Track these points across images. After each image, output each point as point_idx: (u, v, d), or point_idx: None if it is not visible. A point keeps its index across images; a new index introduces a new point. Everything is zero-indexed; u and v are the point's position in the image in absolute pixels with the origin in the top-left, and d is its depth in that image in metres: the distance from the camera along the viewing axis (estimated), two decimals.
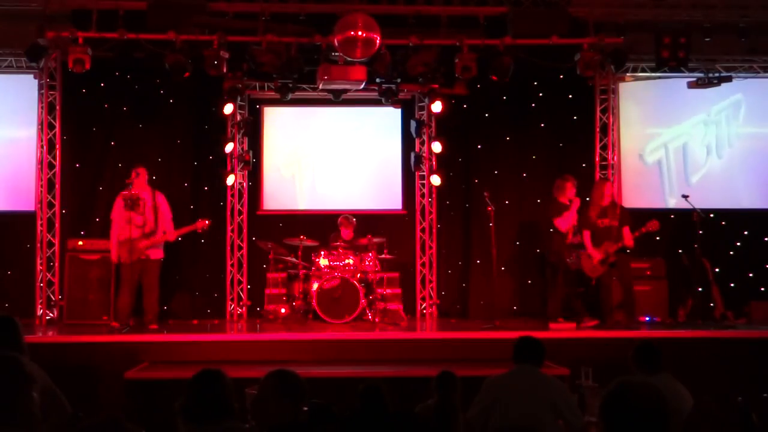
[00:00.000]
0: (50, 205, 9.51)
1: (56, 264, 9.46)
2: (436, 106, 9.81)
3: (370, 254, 9.41)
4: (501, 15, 9.22)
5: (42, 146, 9.52)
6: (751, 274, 10.03)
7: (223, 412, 3.27)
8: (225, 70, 8.95)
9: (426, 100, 10.20)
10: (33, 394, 3.02)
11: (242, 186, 10.27)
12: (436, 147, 9.96)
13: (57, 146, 9.54)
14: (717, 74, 9.88)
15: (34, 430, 3.00)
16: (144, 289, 8.60)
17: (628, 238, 8.42)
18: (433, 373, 5.07)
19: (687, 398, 4.52)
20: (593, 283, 8.82)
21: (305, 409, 3.66)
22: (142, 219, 8.54)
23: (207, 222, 8.79)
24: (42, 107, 9.55)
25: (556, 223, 8.82)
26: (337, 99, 9.98)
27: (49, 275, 9.45)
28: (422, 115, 10.45)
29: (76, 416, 4.30)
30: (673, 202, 10.02)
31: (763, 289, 9.98)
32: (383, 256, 9.48)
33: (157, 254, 8.73)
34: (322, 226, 9.96)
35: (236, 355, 7.55)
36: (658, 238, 8.79)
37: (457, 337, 8.23)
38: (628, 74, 10.13)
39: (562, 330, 8.37)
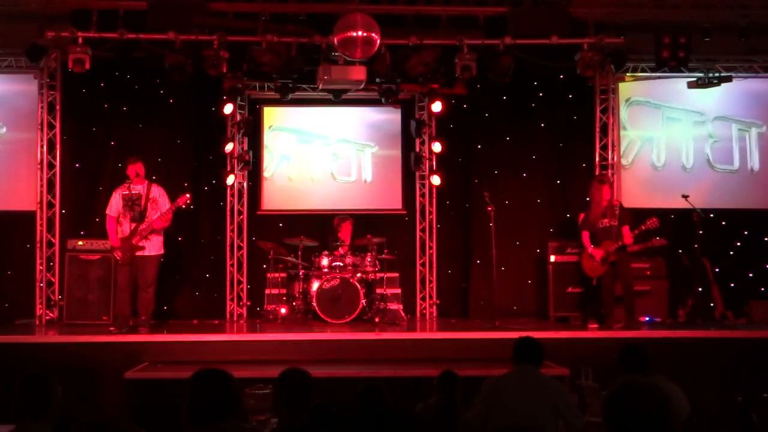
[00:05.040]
0: (50, 205, 9.51)
1: (56, 264, 9.45)
2: (436, 106, 9.83)
3: (370, 254, 9.41)
4: (501, 15, 9.23)
5: (42, 146, 9.51)
6: (751, 274, 10.02)
7: (226, 412, 3.27)
8: (225, 70, 8.95)
9: (426, 100, 10.21)
10: (59, 387, 3.12)
11: (242, 186, 10.27)
12: (436, 147, 9.99)
13: (57, 146, 9.53)
14: (717, 74, 9.88)
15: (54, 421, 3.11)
16: (139, 287, 8.41)
17: (627, 236, 8.42)
18: (433, 373, 5.09)
19: (682, 399, 4.52)
20: (594, 283, 8.81)
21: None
22: (139, 215, 8.45)
23: (188, 196, 8.55)
24: (42, 107, 9.54)
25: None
26: (337, 99, 9.99)
27: (49, 275, 9.45)
28: (422, 115, 10.45)
29: (75, 416, 4.29)
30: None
31: (763, 289, 9.98)
32: (383, 256, 9.47)
33: (155, 249, 8.46)
34: (322, 226, 9.96)
35: (236, 355, 7.55)
36: (658, 237, 8.79)
37: (457, 337, 8.23)
38: (628, 74, 10.13)
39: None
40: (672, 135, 10.31)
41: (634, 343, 5.04)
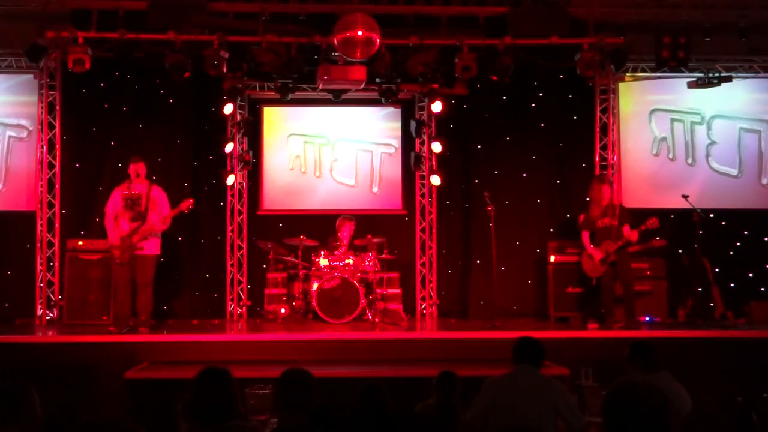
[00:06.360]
0: (50, 205, 9.51)
1: (56, 264, 9.45)
2: (436, 106, 9.82)
3: (370, 254, 9.40)
4: (501, 15, 9.21)
5: (42, 146, 9.51)
6: (751, 274, 10.02)
7: (227, 411, 3.27)
8: (225, 70, 8.95)
9: (426, 100, 10.20)
10: (35, 394, 3.05)
11: (242, 186, 10.27)
12: (436, 147, 9.98)
13: (57, 146, 9.54)
14: (717, 74, 9.88)
15: (36, 429, 3.04)
16: (137, 287, 8.41)
17: (632, 234, 8.37)
18: (433, 373, 5.07)
19: (685, 397, 4.53)
20: (594, 283, 8.81)
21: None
22: (138, 215, 8.45)
23: (191, 200, 8.56)
24: (42, 107, 9.55)
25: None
26: (337, 99, 9.99)
27: (49, 275, 9.45)
28: (422, 115, 10.45)
29: (75, 416, 4.29)
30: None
31: (763, 289, 9.98)
32: (383, 256, 9.47)
33: (152, 249, 8.46)
34: (322, 226, 9.97)
35: (236, 355, 7.54)
36: (658, 237, 8.79)
37: (457, 337, 8.23)
38: (628, 74, 10.13)
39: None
40: (678, 135, 10.32)
41: (645, 340, 5.05)
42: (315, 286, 9.17)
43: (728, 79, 9.89)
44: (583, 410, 4.93)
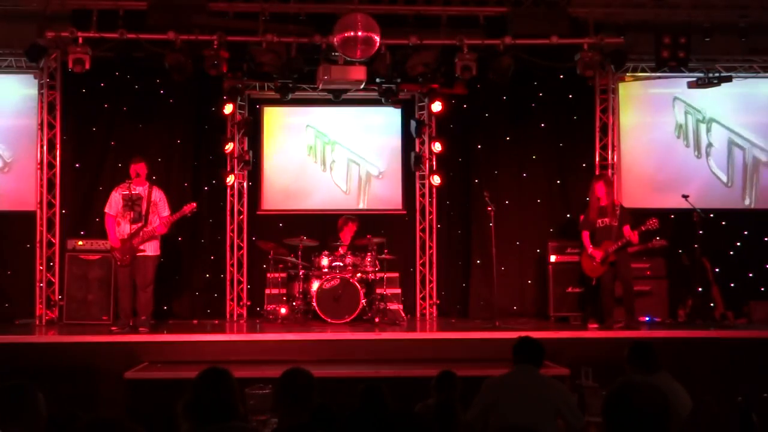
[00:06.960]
0: (50, 205, 9.50)
1: (56, 264, 9.44)
2: (436, 106, 9.84)
3: (370, 254, 9.40)
4: (501, 15, 9.23)
5: (42, 146, 9.51)
6: (751, 274, 10.02)
7: (227, 411, 3.27)
8: (225, 70, 8.96)
9: (426, 100, 10.21)
10: (39, 394, 3.05)
11: (242, 186, 10.27)
12: (436, 147, 9.99)
13: (57, 146, 9.53)
14: (717, 74, 9.88)
15: (40, 429, 3.04)
16: (138, 288, 8.40)
17: (633, 235, 8.37)
18: (433, 373, 5.08)
19: (685, 398, 4.53)
20: (593, 283, 8.81)
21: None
22: (139, 216, 8.45)
23: (194, 204, 8.55)
24: (42, 107, 9.54)
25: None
26: (337, 99, 9.99)
27: (49, 275, 9.44)
28: (422, 115, 10.45)
29: (75, 416, 4.29)
30: None
31: (763, 289, 9.97)
32: (383, 256, 9.47)
33: (153, 250, 8.43)
34: (322, 226, 9.98)
35: (236, 355, 7.54)
36: (658, 237, 8.79)
37: (457, 337, 8.23)
38: (628, 74, 10.13)
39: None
40: (689, 126, 10.34)
41: (644, 341, 5.04)
42: (315, 286, 9.16)
43: (728, 79, 9.89)
44: (583, 410, 4.94)
